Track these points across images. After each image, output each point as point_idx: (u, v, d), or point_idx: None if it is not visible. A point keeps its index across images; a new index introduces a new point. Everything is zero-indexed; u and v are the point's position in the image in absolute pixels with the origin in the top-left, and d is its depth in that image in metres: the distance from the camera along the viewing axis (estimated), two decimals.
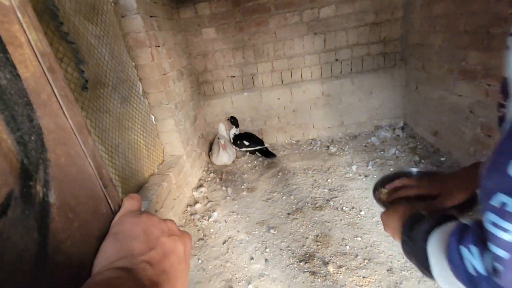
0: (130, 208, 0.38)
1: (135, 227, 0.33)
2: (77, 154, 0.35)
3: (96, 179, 0.38)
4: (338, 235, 1.73)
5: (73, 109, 0.36)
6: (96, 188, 0.37)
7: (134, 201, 0.39)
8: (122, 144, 1.83)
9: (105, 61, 1.74)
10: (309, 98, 2.93)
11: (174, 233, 0.35)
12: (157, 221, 0.34)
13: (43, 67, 0.33)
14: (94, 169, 0.38)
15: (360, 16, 2.67)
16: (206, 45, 2.83)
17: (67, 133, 0.34)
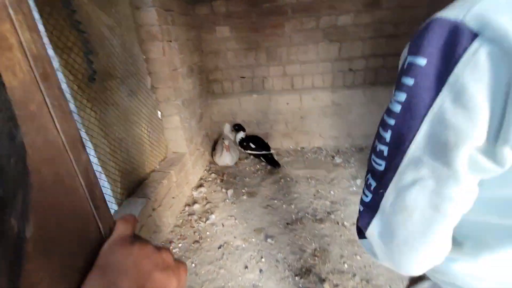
0: (123, 233, 0.33)
1: (125, 260, 0.29)
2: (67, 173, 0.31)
3: (86, 200, 0.34)
4: (337, 252, 1.68)
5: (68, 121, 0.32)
6: (86, 210, 0.33)
7: (128, 224, 0.35)
8: (126, 139, 1.80)
9: (116, 52, 1.71)
10: (319, 106, 2.88)
11: (168, 265, 0.31)
12: (151, 251, 0.31)
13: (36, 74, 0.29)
14: (85, 188, 0.34)
15: (379, 26, 2.60)
16: (219, 44, 2.79)
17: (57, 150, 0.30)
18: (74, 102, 1.40)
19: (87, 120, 1.45)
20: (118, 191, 1.69)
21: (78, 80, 1.39)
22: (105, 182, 1.60)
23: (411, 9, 2.51)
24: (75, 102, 1.40)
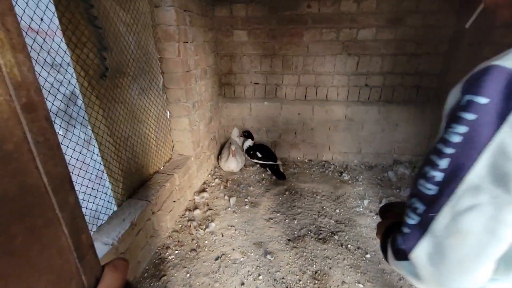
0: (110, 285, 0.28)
1: None
2: (47, 223, 0.26)
3: (69, 251, 0.28)
4: (338, 277, 1.60)
5: (54, 158, 0.26)
6: (67, 263, 0.28)
7: (117, 272, 0.30)
8: (132, 137, 1.77)
9: (130, 50, 1.68)
10: (330, 119, 2.81)
11: None
12: None
13: (16, 104, 0.23)
14: (69, 238, 0.28)
15: (400, 44, 2.52)
16: (235, 47, 2.75)
17: (36, 196, 0.24)
18: (83, 99, 1.36)
19: (94, 118, 1.41)
20: (119, 191, 1.65)
21: (89, 77, 1.36)
22: (107, 182, 1.56)
23: (436, 29, 2.42)
24: (84, 99, 1.36)
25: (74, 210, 0.29)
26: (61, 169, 0.27)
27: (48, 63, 1.15)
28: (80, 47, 1.30)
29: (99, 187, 1.48)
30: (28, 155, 0.24)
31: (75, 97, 1.32)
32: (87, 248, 0.30)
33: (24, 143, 0.23)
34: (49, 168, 0.25)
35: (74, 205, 0.29)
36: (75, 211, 0.29)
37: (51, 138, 0.26)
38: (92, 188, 1.42)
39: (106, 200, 1.54)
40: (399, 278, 1.59)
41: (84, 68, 1.33)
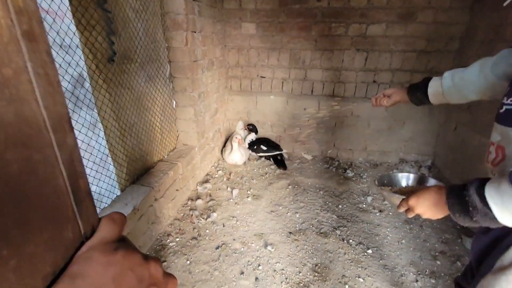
0: (106, 236, 0.27)
1: (104, 271, 0.23)
2: (44, 159, 0.25)
3: (67, 193, 0.28)
4: (339, 270, 1.58)
5: (54, 95, 0.26)
6: (64, 205, 0.27)
7: (114, 224, 0.29)
8: (137, 124, 1.78)
9: (138, 36, 1.69)
10: (337, 115, 2.78)
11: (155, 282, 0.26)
12: (137, 262, 0.25)
13: (17, 30, 0.23)
14: (66, 179, 0.27)
15: (411, 40, 2.48)
16: (243, 40, 2.75)
17: (33, 129, 0.24)
18: (90, 81, 1.37)
19: (100, 101, 1.42)
20: (123, 176, 1.66)
21: (97, 60, 1.37)
22: (111, 166, 1.57)
23: (447, 26, 2.37)
24: (91, 82, 1.38)
25: (73, 152, 0.28)
26: (61, 108, 0.27)
27: (57, 43, 1.16)
28: (89, 29, 1.31)
29: (103, 171, 1.50)
30: (27, 85, 0.23)
31: (82, 79, 1.33)
32: (84, 194, 0.30)
33: (23, 72, 0.23)
34: (48, 103, 0.25)
35: (73, 147, 0.28)
36: (73, 153, 0.28)
37: (51, 73, 0.26)
38: (96, 171, 1.43)
39: (110, 184, 1.56)
40: (400, 274, 1.57)
41: (92, 51, 1.34)
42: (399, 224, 1.97)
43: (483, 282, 0.68)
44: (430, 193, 0.69)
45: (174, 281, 0.29)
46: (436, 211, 0.68)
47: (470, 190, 0.58)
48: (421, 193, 0.71)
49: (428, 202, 0.69)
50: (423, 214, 0.71)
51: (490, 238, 0.72)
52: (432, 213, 0.70)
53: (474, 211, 0.58)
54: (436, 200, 0.67)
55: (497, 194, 0.54)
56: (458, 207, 0.61)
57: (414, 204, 0.72)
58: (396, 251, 1.73)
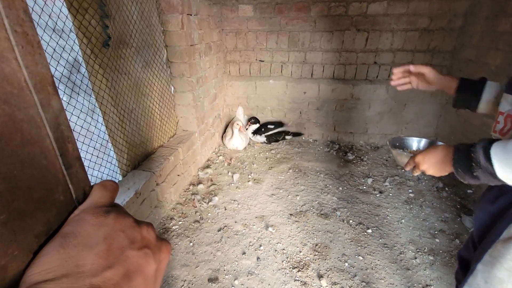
0: (98, 201, 0.28)
1: (95, 231, 0.24)
2: (28, 119, 0.25)
3: (55, 155, 0.28)
4: (339, 249, 1.62)
5: (34, 55, 0.26)
6: (53, 167, 0.27)
7: (106, 190, 0.29)
8: (136, 110, 1.78)
9: (133, 20, 1.66)
10: (337, 98, 2.76)
11: (148, 244, 0.26)
12: (128, 225, 0.25)
13: None
14: (53, 142, 0.28)
15: (413, 18, 2.42)
16: (240, 23, 2.69)
17: (14, 87, 0.24)
18: (86, 66, 1.36)
19: (97, 87, 1.42)
20: (124, 162, 1.68)
21: (91, 44, 1.35)
22: (111, 152, 1.58)
23: (451, 2, 2.30)
24: (87, 67, 1.37)
25: (59, 116, 0.28)
26: (42, 69, 0.27)
27: (50, 27, 1.15)
28: (82, 13, 1.28)
29: (104, 156, 1.51)
30: (5, 42, 0.23)
31: (78, 64, 1.32)
32: (73, 158, 0.30)
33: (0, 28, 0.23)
34: (29, 63, 0.25)
35: (58, 111, 0.28)
36: (59, 117, 0.28)
37: (30, 32, 0.25)
38: (97, 156, 1.45)
39: (111, 170, 1.58)
40: (399, 252, 1.60)
41: (86, 35, 1.32)
42: (399, 205, 1.99)
43: (492, 251, 0.69)
44: (437, 150, 0.72)
45: (168, 245, 0.29)
46: (440, 168, 0.70)
47: (477, 147, 0.60)
48: (429, 150, 0.74)
49: (434, 159, 0.71)
50: (427, 170, 0.74)
51: (497, 207, 0.74)
52: (436, 170, 0.72)
53: (476, 166, 0.60)
54: (442, 157, 0.69)
55: (502, 151, 0.56)
56: (462, 163, 0.63)
57: (420, 161, 0.74)
58: (396, 230, 1.76)
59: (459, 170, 0.65)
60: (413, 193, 2.10)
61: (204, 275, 1.46)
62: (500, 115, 0.71)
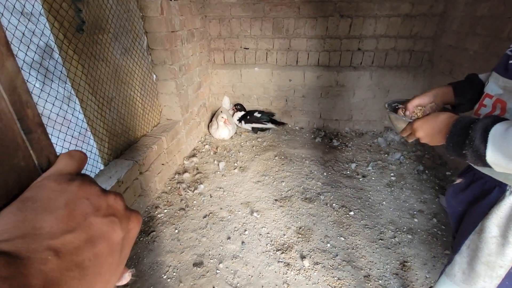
0: (62, 169, 0.27)
1: (57, 196, 0.23)
2: None
3: (12, 119, 0.26)
4: (322, 231, 1.66)
5: None
6: (10, 130, 0.26)
7: (72, 160, 0.28)
8: (116, 98, 1.74)
9: (109, 4, 1.60)
10: (322, 86, 2.77)
11: (114, 213, 0.25)
12: (93, 192, 0.25)
13: None
14: (9, 105, 0.26)
15: (395, 4, 2.43)
16: (223, 9, 2.64)
17: None
18: (59, 52, 1.32)
19: (72, 73, 1.38)
20: (105, 151, 1.65)
21: (64, 29, 1.31)
22: (91, 141, 1.56)
23: None
24: (60, 52, 1.32)
25: (15, 79, 0.27)
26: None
27: (17, 10, 1.10)
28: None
29: (83, 145, 1.48)
30: None
31: (50, 49, 1.27)
32: (34, 124, 0.29)
33: None
34: None
35: (14, 73, 0.27)
36: (16, 80, 0.27)
37: None
38: (75, 145, 1.42)
39: (92, 159, 1.55)
40: (379, 232, 1.65)
41: (58, 19, 1.27)
42: (381, 188, 2.04)
43: (469, 243, 0.69)
44: (438, 119, 0.65)
45: (137, 215, 0.28)
46: (435, 138, 0.65)
47: (479, 124, 0.54)
48: (429, 117, 0.67)
49: (432, 128, 0.65)
50: (422, 138, 0.68)
51: (469, 195, 0.72)
52: (431, 139, 0.67)
53: (469, 145, 0.55)
54: (441, 128, 0.63)
55: (501, 134, 0.51)
56: (456, 138, 0.58)
57: (417, 127, 0.68)
58: (377, 212, 1.81)
59: (450, 145, 0.60)
60: (395, 177, 2.16)
61: (189, 260, 1.48)
62: (487, 98, 0.65)
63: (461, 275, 0.72)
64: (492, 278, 0.66)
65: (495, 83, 0.63)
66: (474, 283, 0.69)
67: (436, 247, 1.55)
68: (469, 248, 0.69)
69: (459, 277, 0.72)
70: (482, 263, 0.66)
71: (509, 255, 0.62)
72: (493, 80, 0.64)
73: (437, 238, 1.60)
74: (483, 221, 0.65)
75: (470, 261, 0.69)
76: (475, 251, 0.67)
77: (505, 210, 0.62)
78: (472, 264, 0.68)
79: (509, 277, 0.64)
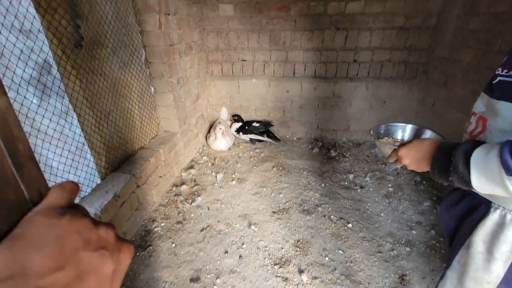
0: (53, 202, 0.27)
1: (46, 233, 0.23)
2: None
3: (3, 155, 0.26)
4: (320, 244, 1.65)
5: None
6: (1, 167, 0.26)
7: (64, 192, 0.28)
8: (114, 112, 1.75)
9: (108, 20, 1.63)
10: (319, 96, 2.79)
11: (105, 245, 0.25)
12: (84, 226, 0.25)
13: None
14: (1, 142, 0.26)
15: (389, 17, 2.48)
16: (221, 22, 2.68)
17: None
18: (58, 68, 1.33)
19: (70, 88, 1.39)
20: (102, 164, 1.65)
21: (62, 45, 1.32)
22: (88, 155, 1.55)
23: (425, 1, 2.37)
24: (59, 68, 1.33)
25: (7, 115, 0.27)
26: None
27: (16, 28, 1.11)
28: (51, 13, 1.25)
29: (80, 159, 1.48)
30: None
31: (48, 65, 1.29)
32: (25, 158, 0.29)
33: None
34: None
35: (6, 109, 0.27)
36: (7, 116, 0.27)
37: None
38: (72, 160, 1.42)
39: (88, 173, 1.55)
40: (378, 245, 1.64)
41: (56, 36, 1.29)
42: (378, 199, 2.04)
43: (459, 258, 0.70)
44: (422, 145, 0.68)
45: (129, 246, 0.28)
46: (421, 164, 0.68)
47: (459, 150, 0.57)
48: (412, 144, 0.70)
49: (416, 155, 0.68)
50: (409, 165, 0.71)
51: (460, 210, 0.74)
52: (417, 166, 0.69)
53: (453, 172, 0.57)
54: (424, 154, 0.66)
55: (482, 159, 0.52)
56: (440, 164, 0.60)
57: (403, 155, 0.71)
58: (375, 224, 1.80)
59: (435, 171, 0.62)
60: (393, 187, 2.16)
61: (186, 275, 1.46)
62: (473, 116, 0.68)
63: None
64: None
65: (481, 102, 0.66)
66: None
67: (435, 259, 1.53)
68: (459, 263, 0.70)
69: None
70: (470, 278, 0.67)
71: (495, 271, 0.62)
72: (480, 99, 0.66)
73: (436, 250, 1.59)
74: (470, 237, 0.66)
75: (460, 277, 0.70)
76: (464, 267, 0.68)
77: (490, 226, 0.63)
78: (461, 280, 0.69)
79: None
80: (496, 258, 0.61)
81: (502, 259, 0.61)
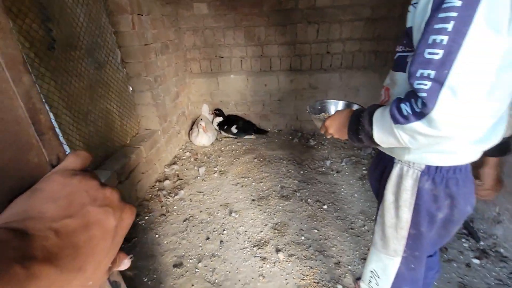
0: (68, 166, 0.31)
1: (60, 188, 0.27)
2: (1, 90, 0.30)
3: (27, 123, 0.32)
4: (297, 226, 1.75)
5: (6, 39, 0.31)
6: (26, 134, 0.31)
7: (78, 158, 0.32)
8: (93, 112, 1.80)
9: (80, 22, 1.67)
10: (296, 89, 2.90)
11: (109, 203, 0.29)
12: (92, 186, 0.29)
13: None
14: (25, 112, 0.32)
15: (357, 9, 2.59)
16: (197, 21, 2.74)
17: None
18: (31, 70, 1.38)
19: (45, 89, 1.43)
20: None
21: (35, 48, 1.37)
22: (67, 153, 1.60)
23: None
24: (32, 70, 1.38)
25: (30, 91, 0.32)
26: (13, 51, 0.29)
27: None
28: (21, 17, 1.30)
29: None
30: None
31: None
32: (46, 128, 0.34)
33: None
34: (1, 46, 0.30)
35: (30, 86, 0.31)
36: (31, 92, 0.32)
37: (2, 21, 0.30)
38: None
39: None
40: (350, 222, 1.75)
41: (27, 39, 1.33)
42: (353, 181, 2.16)
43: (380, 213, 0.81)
44: (341, 115, 0.76)
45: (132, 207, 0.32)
46: (342, 132, 0.76)
47: (365, 112, 0.67)
48: (334, 115, 0.79)
49: (338, 123, 0.76)
50: (334, 134, 0.79)
51: (378, 173, 0.85)
52: (340, 134, 0.77)
53: (362, 130, 0.67)
54: (344, 122, 0.75)
55: (380, 116, 0.63)
56: (353, 126, 0.70)
57: (328, 125, 0.79)
58: (349, 204, 1.92)
59: (350, 133, 0.72)
60: (366, 170, 2.28)
61: (169, 262, 1.54)
62: (383, 89, 0.79)
63: (380, 242, 0.83)
64: (398, 239, 0.77)
65: (389, 77, 0.76)
66: (388, 247, 0.80)
67: None
68: (380, 217, 0.81)
69: (379, 244, 0.83)
70: (388, 227, 0.78)
71: (403, 216, 0.73)
72: (389, 75, 0.77)
73: None
74: (384, 191, 0.77)
75: (382, 228, 0.80)
76: (382, 218, 0.79)
77: (394, 179, 0.74)
78: (384, 230, 0.80)
79: (411, 237, 0.75)
80: (401, 205, 0.72)
81: (406, 205, 0.72)
